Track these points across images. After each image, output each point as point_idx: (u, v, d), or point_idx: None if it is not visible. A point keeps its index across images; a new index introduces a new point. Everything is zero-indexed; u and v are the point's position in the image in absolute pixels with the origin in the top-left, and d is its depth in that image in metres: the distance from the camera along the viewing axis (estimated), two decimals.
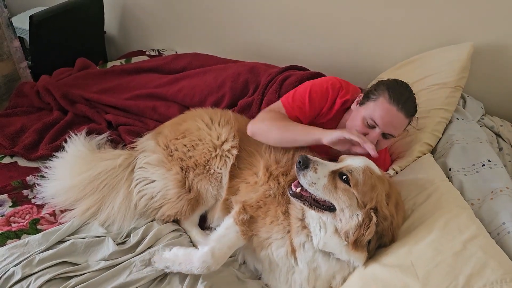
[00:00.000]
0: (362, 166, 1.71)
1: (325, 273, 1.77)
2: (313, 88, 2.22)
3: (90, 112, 2.75)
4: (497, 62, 2.76)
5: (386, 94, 2.02)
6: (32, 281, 1.72)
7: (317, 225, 1.75)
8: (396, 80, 2.13)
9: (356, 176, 1.67)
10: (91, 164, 2.14)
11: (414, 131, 2.33)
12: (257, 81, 2.65)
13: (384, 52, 3.01)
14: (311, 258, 1.78)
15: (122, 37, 4.22)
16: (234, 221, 1.88)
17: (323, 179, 1.68)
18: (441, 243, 1.59)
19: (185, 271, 1.79)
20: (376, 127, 2.02)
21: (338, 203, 1.67)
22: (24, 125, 2.59)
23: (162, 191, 2.09)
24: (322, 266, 1.77)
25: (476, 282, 1.41)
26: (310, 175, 1.68)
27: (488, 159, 2.13)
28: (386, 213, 1.68)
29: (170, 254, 1.83)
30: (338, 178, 1.69)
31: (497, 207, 1.82)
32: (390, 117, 2.00)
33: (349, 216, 1.66)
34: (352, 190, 1.66)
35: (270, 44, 3.47)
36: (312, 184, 1.68)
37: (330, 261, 1.76)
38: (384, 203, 1.69)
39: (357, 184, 1.66)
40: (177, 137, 2.20)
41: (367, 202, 1.66)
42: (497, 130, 2.63)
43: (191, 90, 2.71)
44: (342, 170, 1.70)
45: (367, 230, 1.64)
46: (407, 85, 2.11)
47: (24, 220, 2.03)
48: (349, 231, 1.66)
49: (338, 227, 1.69)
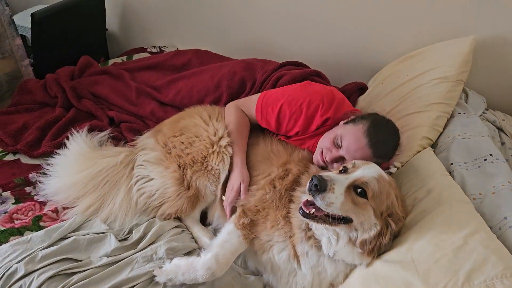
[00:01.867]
0: (376, 175, 1.67)
1: (330, 275, 1.76)
2: (286, 102, 2.17)
3: (94, 108, 2.75)
4: (500, 56, 2.74)
5: (366, 124, 1.96)
6: (35, 277, 1.74)
7: (329, 237, 1.71)
8: (389, 120, 2.06)
9: (372, 188, 1.63)
10: (93, 162, 2.15)
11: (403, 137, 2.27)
12: (253, 78, 2.62)
13: (385, 47, 3.00)
14: (315, 263, 1.77)
15: (124, 34, 4.22)
16: (235, 226, 1.88)
17: (340, 197, 1.59)
18: (441, 239, 1.58)
19: (189, 281, 1.76)
20: (340, 148, 1.99)
21: (356, 217, 1.63)
22: (26, 123, 2.59)
23: (161, 189, 2.10)
24: (328, 269, 1.76)
25: (477, 277, 1.41)
26: (329, 196, 1.59)
27: (490, 153, 2.12)
28: (400, 216, 1.69)
29: (171, 265, 1.80)
30: (353, 192, 1.64)
31: (499, 201, 1.81)
32: (356, 147, 1.94)
33: (368, 227, 1.64)
34: (370, 203, 1.64)
35: (270, 40, 3.45)
36: (330, 204, 1.59)
37: (337, 263, 1.75)
38: (397, 206, 1.70)
39: (374, 196, 1.63)
40: (175, 134, 2.21)
41: (383, 210, 1.65)
42: (500, 124, 2.62)
43: (189, 92, 2.69)
44: (357, 183, 1.64)
45: (385, 237, 1.64)
46: (394, 131, 2.04)
47: (27, 217, 2.04)
48: (367, 241, 1.64)
49: (352, 237, 1.67)
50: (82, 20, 3.63)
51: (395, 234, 1.71)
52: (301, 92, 2.23)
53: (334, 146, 2.01)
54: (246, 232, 1.87)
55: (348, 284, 1.73)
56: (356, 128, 1.97)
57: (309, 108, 2.15)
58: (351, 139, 1.95)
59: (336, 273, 1.76)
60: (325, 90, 2.25)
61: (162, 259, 1.89)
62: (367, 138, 1.93)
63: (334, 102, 2.17)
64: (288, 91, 2.25)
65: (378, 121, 2.00)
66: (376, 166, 1.77)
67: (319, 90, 2.24)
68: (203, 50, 3.23)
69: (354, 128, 1.98)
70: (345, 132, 1.99)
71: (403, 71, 2.71)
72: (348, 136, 1.97)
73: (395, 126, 2.06)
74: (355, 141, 1.95)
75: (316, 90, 2.24)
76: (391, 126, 2.04)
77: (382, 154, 1.98)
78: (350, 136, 1.96)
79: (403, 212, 1.73)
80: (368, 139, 1.93)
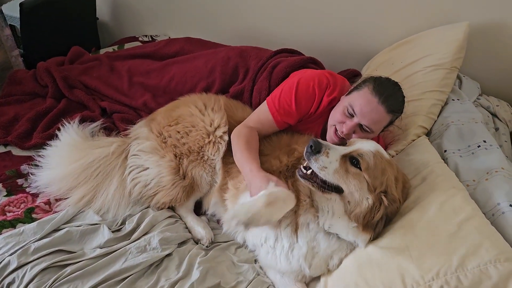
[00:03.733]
0: (373, 150, 1.70)
1: (323, 251, 1.78)
2: (299, 88, 2.13)
3: (86, 98, 2.72)
4: (494, 42, 2.73)
5: (370, 85, 1.99)
6: (28, 269, 1.73)
7: (325, 207, 1.75)
8: (388, 77, 2.08)
9: (367, 160, 1.67)
10: (85, 152, 2.13)
11: (400, 131, 2.29)
12: (246, 65, 2.61)
13: (379, 33, 2.98)
14: (312, 238, 1.78)
15: (115, 23, 4.17)
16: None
17: (334, 163, 1.66)
18: (436, 225, 1.59)
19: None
20: (354, 116, 2.00)
21: (347, 186, 1.67)
22: (17, 114, 2.56)
23: (156, 178, 2.09)
24: (321, 244, 1.77)
25: (470, 262, 1.42)
26: (322, 159, 1.66)
27: (484, 140, 2.12)
28: (395, 196, 1.70)
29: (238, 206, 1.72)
30: (349, 162, 1.68)
31: (492, 187, 1.82)
32: (369, 108, 1.96)
33: (359, 199, 1.66)
34: (363, 174, 1.66)
35: (263, 28, 3.42)
36: (323, 168, 1.65)
37: (330, 240, 1.77)
38: (394, 186, 1.71)
39: (367, 168, 1.66)
40: (170, 123, 2.19)
41: (377, 186, 1.67)
42: (493, 110, 2.62)
43: (183, 77, 2.68)
44: (353, 154, 1.68)
45: (378, 213, 1.66)
46: (396, 83, 2.06)
47: (19, 209, 2.03)
48: (360, 214, 1.67)
49: (346, 209, 1.70)
50: (73, 9, 3.57)
51: (390, 217, 1.73)
52: (308, 76, 2.19)
53: (347, 117, 2.02)
54: None
55: (343, 269, 1.75)
56: (362, 92, 2.00)
57: (320, 88, 2.14)
58: (363, 103, 1.97)
59: (330, 251, 1.77)
60: (327, 72, 2.25)
61: (156, 249, 1.88)
62: (376, 96, 1.95)
63: (338, 82, 2.19)
64: (294, 81, 2.17)
65: (379, 79, 2.03)
66: (375, 143, 1.79)
67: (322, 72, 2.23)
68: (195, 38, 3.21)
69: (360, 92, 2.00)
70: (353, 100, 2.01)
71: (397, 58, 2.70)
72: (358, 101, 1.98)
73: (393, 79, 2.08)
74: (366, 103, 1.96)
75: (321, 73, 2.22)
76: (391, 81, 2.07)
77: (395, 108, 2.01)
78: (360, 100, 1.98)
79: (400, 196, 1.74)
80: (378, 96, 1.95)
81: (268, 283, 1.89)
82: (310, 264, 1.80)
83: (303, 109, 2.15)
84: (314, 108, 2.16)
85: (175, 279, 1.79)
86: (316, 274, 1.86)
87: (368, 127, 2.00)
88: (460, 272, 1.41)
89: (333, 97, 2.14)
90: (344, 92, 2.15)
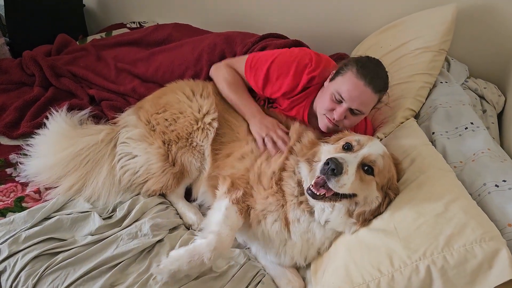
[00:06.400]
0: (381, 152, 1.72)
1: (318, 241, 1.81)
2: (276, 59, 2.18)
3: (74, 86, 2.70)
4: (482, 24, 2.74)
5: (354, 68, 1.98)
6: (19, 258, 1.73)
7: (324, 208, 1.75)
8: (368, 56, 2.09)
9: (378, 165, 1.68)
10: (73, 140, 2.12)
11: (387, 108, 2.30)
12: (233, 51, 2.60)
13: (366, 17, 2.97)
14: (305, 229, 1.80)
15: (102, 10, 4.10)
16: (230, 201, 1.85)
17: (351, 177, 1.61)
18: (423, 206, 1.61)
19: (196, 267, 1.65)
20: (343, 101, 2.00)
21: (362, 193, 1.67)
22: (4, 103, 2.53)
23: (145, 165, 2.09)
24: (317, 234, 1.80)
25: (456, 241, 1.44)
26: (343, 178, 1.59)
27: (471, 121, 2.15)
28: (397, 186, 1.75)
29: (171, 259, 1.65)
30: (362, 170, 1.67)
31: (478, 168, 1.85)
32: (357, 92, 1.96)
33: (370, 200, 1.69)
34: (375, 179, 1.68)
35: (251, 13, 3.40)
36: (343, 186, 1.60)
37: (325, 229, 1.79)
38: (395, 177, 1.75)
39: (379, 173, 1.68)
40: (158, 111, 2.18)
41: (384, 184, 1.70)
42: (481, 92, 2.64)
43: (169, 66, 2.65)
44: (365, 162, 1.68)
45: (383, 207, 1.70)
46: (378, 61, 2.06)
47: (9, 199, 2.02)
48: (365, 212, 1.69)
49: (351, 209, 1.72)
50: None
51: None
52: (290, 53, 2.24)
53: (336, 103, 2.02)
54: (240, 206, 1.86)
55: (333, 252, 1.77)
56: (347, 76, 1.99)
57: (298, 67, 2.16)
58: (350, 87, 1.97)
59: (323, 239, 1.80)
60: (312, 52, 2.26)
61: (147, 235, 1.89)
62: (362, 79, 1.95)
63: (322, 63, 2.18)
64: (276, 52, 2.26)
65: (361, 60, 2.03)
66: (379, 143, 1.80)
67: (308, 52, 2.26)
68: (183, 24, 3.18)
69: (345, 77, 2.00)
70: (338, 86, 2.01)
71: (386, 41, 2.70)
72: (344, 86, 1.98)
73: (373, 57, 2.09)
74: (354, 87, 1.96)
75: (306, 52, 2.25)
76: (372, 59, 2.07)
77: (381, 87, 2.01)
78: (346, 85, 1.98)
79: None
80: (363, 79, 1.95)
81: (259, 267, 1.91)
82: (305, 257, 1.84)
83: (270, 79, 2.18)
84: (290, 85, 2.16)
85: None
86: (309, 262, 1.89)
87: (358, 110, 2.01)
88: (446, 251, 1.43)
89: (312, 75, 2.14)
90: (327, 72, 2.14)
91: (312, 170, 1.79)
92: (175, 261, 1.64)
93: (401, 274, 1.46)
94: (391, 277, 1.48)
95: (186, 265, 1.62)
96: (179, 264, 1.63)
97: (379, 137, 2.26)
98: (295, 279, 1.85)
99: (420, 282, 1.44)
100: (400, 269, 1.47)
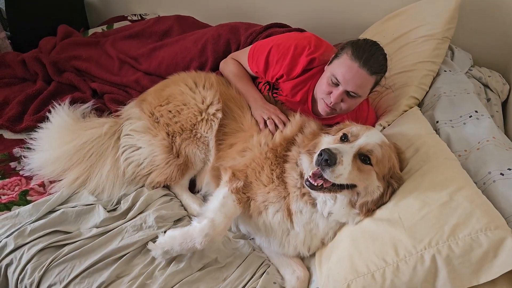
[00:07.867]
0: (379, 141, 1.70)
1: (322, 232, 1.81)
2: (275, 45, 2.22)
3: (76, 79, 2.69)
4: (486, 12, 2.72)
5: (349, 50, 1.98)
6: (25, 251, 1.75)
7: (326, 199, 1.75)
8: (365, 39, 2.07)
9: (376, 155, 1.67)
10: (76, 134, 2.12)
11: (390, 96, 2.29)
12: (238, 41, 2.60)
13: (370, 6, 2.95)
14: (308, 220, 1.80)
15: (103, 2, 4.08)
16: (229, 190, 1.87)
17: (347, 167, 1.61)
18: (427, 196, 1.61)
19: (186, 250, 1.74)
20: (339, 84, 1.99)
21: (361, 183, 1.67)
22: (7, 97, 2.53)
23: (149, 157, 2.09)
24: (320, 225, 1.80)
25: (461, 231, 1.44)
26: (338, 168, 1.60)
27: (475, 110, 2.13)
28: (400, 175, 1.73)
29: (166, 238, 1.76)
30: (359, 160, 1.67)
31: (483, 157, 1.84)
32: (352, 74, 1.95)
33: (371, 190, 1.68)
34: (374, 169, 1.67)
35: (254, 3, 3.38)
36: (339, 176, 1.61)
37: (328, 220, 1.79)
38: (398, 166, 1.74)
39: (377, 162, 1.67)
40: (161, 103, 2.18)
41: (385, 173, 1.69)
42: (485, 81, 2.62)
43: (173, 60, 2.64)
44: (362, 151, 1.67)
45: (387, 197, 1.69)
46: (374, 43, 2.03)
47: (14, 192, 2.03)
48: (368, 202, 1.69)
49: (353, 199, 1.71)
50: None
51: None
52: (290, 36, 2.28)
53: (333, 86, 2.02)
54: (239, 196, 1.87)
55: (337, 242, 1.77)
56: (342, 59, 1.99)
57: (296, 49, 2.17)
58: (344, 70, 1.97)
59: (327, 230, 1.80)
60: (313, 35, 2.27)
61: (151, 227, 1.90)
62: (356, 61, 1.95)
63: (322, 47, 2.20)
64: (277, 37, 2.31)
65: (357, 43, 2.02)
66: (377, 132, 1.79)
67: (308, 35, 2.28)
68: (185, 16, 3.16)
69: (340, 59, 2.00)
70: (334, 69, 2.01)
71: (389, 30, 2.69)
72: (339, 69, 1.98)
73: (370, 39, 2.07)
74: (348, 69, 1.96)
75: (306, 35, 2.28)
76: (369, 41, 2.05)
77: (377, 69, 1.99)
78: (341, 68, 1.98)
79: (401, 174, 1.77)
80: (357, 61, 1.94)
81: (264, 258, 1.92)
82: (309, 247, 1.84)
83: (271, 63, 2.21)
84: (288, 65, 2.17)
85: (172, 257, 1.80)
86: (313, 252, 1.89)
87: (354, 92, 2.00)
88: (452, 241, 1.43)
89: (312, 57, 2.15)
90: (328, 56, 2.14)
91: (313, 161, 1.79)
92: (169, 240, 1.75)
93: (406, 264, 1.46)
94: (396, 266, 1.48)
95: (178, 246, 1.73)
96: (172, 244, 1.74)
97: (382, 125, 2.25)
98: (300, 269, 1.86)
99: (425, 272, 1.44)
100: (405, 259, 1.47)
